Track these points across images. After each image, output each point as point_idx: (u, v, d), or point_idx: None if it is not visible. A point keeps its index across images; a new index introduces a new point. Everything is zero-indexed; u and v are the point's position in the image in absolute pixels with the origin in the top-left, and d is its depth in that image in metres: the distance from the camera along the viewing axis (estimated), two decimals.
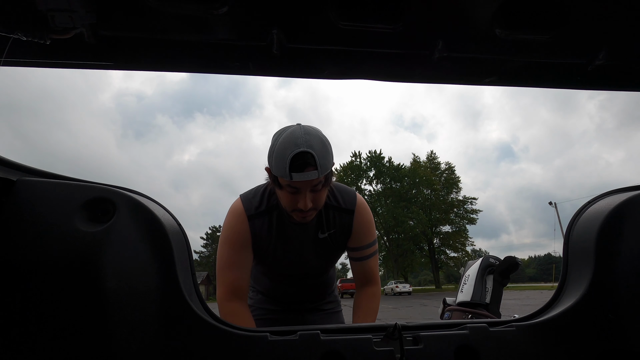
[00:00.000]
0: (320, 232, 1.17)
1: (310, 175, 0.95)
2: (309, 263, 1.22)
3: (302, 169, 0.94)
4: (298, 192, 1.00)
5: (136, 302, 0.61)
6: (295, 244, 1.17)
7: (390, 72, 0.84)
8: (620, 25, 0.73)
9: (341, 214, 1.17)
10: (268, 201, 1.14)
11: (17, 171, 0.66)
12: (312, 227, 1.16)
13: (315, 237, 1.17)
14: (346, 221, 1.18)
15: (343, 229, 1.18)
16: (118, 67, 0.77)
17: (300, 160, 0.94)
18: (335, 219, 1.17)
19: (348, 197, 1.19)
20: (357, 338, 0.66)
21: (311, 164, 0.95)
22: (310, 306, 1.41)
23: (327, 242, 1.19)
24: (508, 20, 0.71)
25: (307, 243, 1.18)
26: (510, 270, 1.78)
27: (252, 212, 1.13)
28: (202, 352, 0.63)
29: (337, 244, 1.21)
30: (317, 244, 1.18)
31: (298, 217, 1.06)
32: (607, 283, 0.70)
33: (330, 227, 1.18)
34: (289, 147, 0.95)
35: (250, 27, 0.71)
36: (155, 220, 0.66)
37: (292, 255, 1.19)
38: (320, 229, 1.17)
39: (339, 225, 1.18)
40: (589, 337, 0.68)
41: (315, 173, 0.95)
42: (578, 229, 0.78)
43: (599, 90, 0.92)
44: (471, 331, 0.68)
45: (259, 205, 1.14)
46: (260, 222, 1.13)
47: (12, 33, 0.63)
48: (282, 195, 1.04)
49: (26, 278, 0.58)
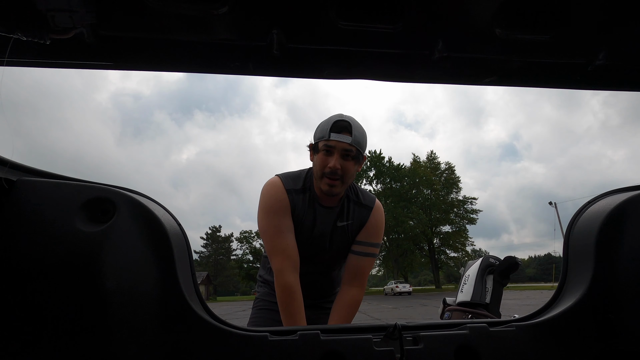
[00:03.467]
0: (339, 221, 1.30)
1: (344, 138, 1.17)
2: (324, 248, 1.32)
3: (339, 131, 1.18)
4: (331, 153, 1.19)
5: (136, 302, 0.61)
6: (319, 225, 1.29)
7: (390, 72, 0.84)
8: (620, 25, 0.73)
9: (360, 209, 1.32)
10: (303, 183, 1.30)
11: (17, 171, 0.66)
12: (334, 214, 1.30)
13: (335, 225, 1.30)
14: (363, 216, 1.32)
15: (360, 222, 1.32)
16: (118, 67, 0.77)
17: (340, 125, 1.19)
18: (355, 212, 1.32)
19: (369, 197, 1.36)
20: (357, 338, 0.66)
21: (348, 130, 1.19)
22: (311, 302, 1.41)
23: (343, 231, 1.31)
24: (508, 20, 0.71)
25: (328, 228, 1.30)
26: (510, 270, 1.78)
27: (289, 187, 1.27)
28: (202, 352, 0.63)
29: (351, 235, 1.32)
30: (334, 231, 1.31)
31: (325, 183, 1.20)
32: (607, 283, 0.70)
33: (349, 218, 1.31)
34: (335, 117, 1.22)
35: (250, 27, 0.71)
36: (155, 220, 0.66)
37: (314, 236, 1.29)
38: (340, 217, 1.31)
39: (356, 218, 1.32)
40: (589, 337, 0.68)
41: (349, 138, 1.17)
42: (578, 229, 0.78)
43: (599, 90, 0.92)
44: (471, 331, 0.68)
45: (294, 184, 1.29)
46: (297, 197, 1.27)
47: (12, 33, 0.63)
48: (317, 160, 1.22)
49: (26, 278, 0.58)
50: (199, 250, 56.12)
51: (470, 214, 42.32)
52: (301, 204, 1.27)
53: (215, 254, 55.94)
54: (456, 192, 43.48)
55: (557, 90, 1.01)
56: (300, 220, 1.27)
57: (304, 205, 1.27)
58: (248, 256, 48.45)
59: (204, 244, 56.99)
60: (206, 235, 57.26)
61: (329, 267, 1.40)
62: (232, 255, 55.33)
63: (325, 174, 1.19)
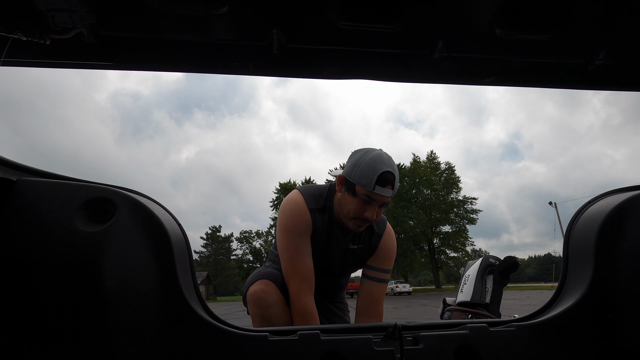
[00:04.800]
0: (351, 244, 1.33)
1: (388, 192, 1.14)
2: (334, 265, 1.35)
3: (384, 185, 1.13)
4: (370, 203, 1.15)
5: (136, 302, 0.61)
6: (334, 246, 1.30)
7: (390, 72, 0.84)
8: (620, 25, 0.73)
9: (372, 235, 1.35)
10: (325, 201, 1.29)
11: (17, 171, 0.66)
12: (349, 237, 1.31)
13: (347, 247, 1.33)
14: (374, 242, 1.35)
15: (370, 247, 1.35)
16: (118, 67, 0.77)
17: (386, 178, 1.13)
18: (366, 238, 1.34)
19: (381, 222, 1.38)
20: (357, 338, 0.66)
21: (392, 183, 1.15)
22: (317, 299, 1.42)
23: (354, 253, 1.34)
24: (508, 20, 0.71)
25: (340, 249, 1.32)
26: (510, 270, 1.78)
27: (312, 206, 1.25)
28: (202, 352, 0.63)
29: (361, 258, 1.36)
30: (346, 252, 1.34)
31: (355, 224, 1.20)
32: (607, 283, 0.70)
33: (361, 242, 1.34)
34: (379, 165, 1.13)
35: (250, 27, 0.71)
36: (155, 220, 0.66)
37: (327, 255, 1.31)
38: (352, 240, 1.33)
39: (367, 243, 1.34)
40: (589, 337, 0.68)
41: (391, 192, 1.15)
42: (578, 229, 0.78)
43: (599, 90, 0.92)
44: (471, 331, 0.68)
45: (316, 202, 1.27)
46: (319, 217, 1.26)
47: (11, 33, 0.63)
48: (351, 202, 1.18)
49: (26, 278, 0.58)
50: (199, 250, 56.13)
51: (470, 214, 42.32)
52: (320, 224, 1.26)
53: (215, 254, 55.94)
54: (456, 192, 43.47)
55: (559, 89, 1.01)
56: (317, 239, 1.26)
57: (323, 225, 1.26)
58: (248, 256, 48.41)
59: (204, 244, 56.97)
60: (206, 235, 57.26)
61: (337, 276, 1.44)
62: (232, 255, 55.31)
63: (359, 218, 1.18)
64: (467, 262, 1.95)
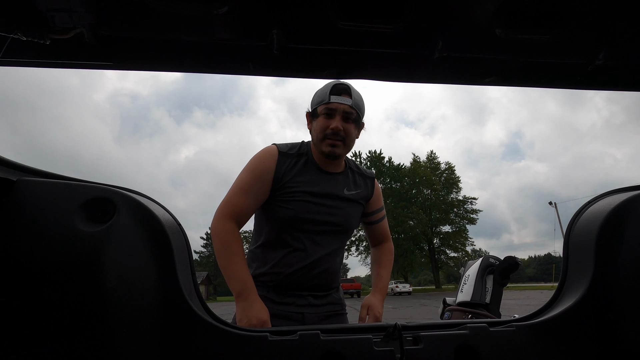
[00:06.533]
0: (346, 190, 1.33)
1: (345, 100, 1.20)
2: (335, 216, 1.30)
3: (340, 93, 1.21)
4: (332, 116, 1.22)
5: (136, 302, 0.61)
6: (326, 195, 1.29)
7: (390, 72, 0.84)
8: (620, 25, 0.73)
9: (364, 178, 1.40)
10: (299, 149, 1.32)
11: (17, 171, 0.66)
12: (339, 183, 1.32)
13: (342, 194, 1.32)
14: (369, 184, 1.40)
15: (366, 190, 1.39)
16: (118, 67, 0.77)
17: (339, 87, 1.22)
18: (360, 181, 1.38)
19: (368, 169, 1.47)
20: (357, 338, 0.66)
21: (348, 93, 1.22)
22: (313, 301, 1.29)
23: (352, 199, 1.34)
24: (508, 20, 0.71)
25: (334, 197, 1.30)
26: (510, 270, 1.78)
27: (286, 150, 1.28)
28: (202, 352, 0.63)
29: (360, 202, 1.37)
30: (343, 200, 1.32)
31: (327, 145, 1.23)
32: (607, 283, 0.70)
33: (356, 188, 1.36)
34: (332, 82, 1.24)
35: (250, 27, 0.71)
36: (155, 220, 0.66)
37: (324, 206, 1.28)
38: (347, 187, 1.34)
39: (362, 187, 1.38)
40: (589, 337, 0.68)
41: (350, 100, 1.21)
42: (578, 229, 0.78)
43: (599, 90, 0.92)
44: (471, 331, 0.68)
45: (290, 149, 1.30)
46: (289, 160, 1.27)
47: (11, 33, 0.63)
48: (317, 124, 1.24)
49: (26, 278, 0.58)
50: (199, 250, 56.13)
51: (471, 214, 42.34)
52: (294, 167, 1.27)
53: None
54: (456, 192, 43.50)
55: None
56: (293, 186, 1.25)
57: (299, 169, 1.27)
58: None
59: (204, 244, 56.96)
60: (206, 235, 57.23)
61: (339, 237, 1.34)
62: None
63: (327, 136, 1.21)
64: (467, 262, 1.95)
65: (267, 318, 1.12)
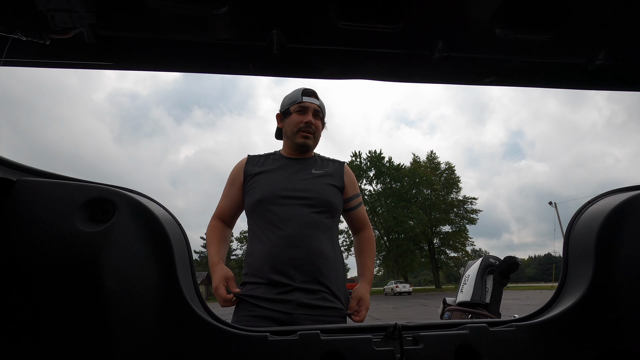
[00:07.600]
0: (314, 169, 1.45)
1: (315, 101, 1.44)
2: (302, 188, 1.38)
3: (309, 95, 1.44)
4: (305, 112, 1.42)
5: (136, 302, 0.61)
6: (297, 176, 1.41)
7: (390, 72, 0.84)
8: (620, 25, 0.73)
9: (333, 162, 1.52)
10: (269, 153, 1.52)
11: (17, 171, 0.66)
12: (306, 166, 1.45)
13: (309, 173, 1.43)
14: (337, 167, 1.49)
15: (334, 170, 1.48)
16: (118, 67, 0.77)
17: (308, 91, 1.45)
18: (328, 164, 1.50)
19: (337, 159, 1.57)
20: (357, 338, 0.66)
21: (315, 96, 1.46)
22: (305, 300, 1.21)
23: (321, 176, 1.44)
24: (508, 20, 0.71)
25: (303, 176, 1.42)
26: (510, 270, 1.78)
27: (253, 155, 1.51)
28: (202, 352, 0.63)
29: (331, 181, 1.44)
30: (313, 177, 1.44)
31: (301, 136, 1.41)
32: (607, 283, 0.70)
33: (324, 167, 1.47)
34: (301, 87, 1.46)
35: (250, 27, 0.71)
36: (155, 220, 0.66)
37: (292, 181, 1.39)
38: (314, 167, 1.46)
39: (331, 167, 1.48)
40: (589, 337, 0.68)
41: (318, 101, 1.45)
42: (578, 229, 0.78)
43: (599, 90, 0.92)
44: (471, 331, 0.68)
45: (259, 154, 1.52)
46: (257, 159, 1.48)
47: (11, 33, 0.63)
48: (290, 121, 1.43)
49: (26, 278, 0.58)
50: (199, 250, 56.08)
51: (471, 214, 42.33)
52: (263, 163, 1.46)
53: None
54: (456, 192, 43.49)
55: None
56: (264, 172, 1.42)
57: (268, 162, 1.46)
58: None
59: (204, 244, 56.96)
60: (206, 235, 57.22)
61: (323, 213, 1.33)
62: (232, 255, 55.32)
63: (301, 128, 1.40)
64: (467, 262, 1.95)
65: (227, 274, 1.29)
